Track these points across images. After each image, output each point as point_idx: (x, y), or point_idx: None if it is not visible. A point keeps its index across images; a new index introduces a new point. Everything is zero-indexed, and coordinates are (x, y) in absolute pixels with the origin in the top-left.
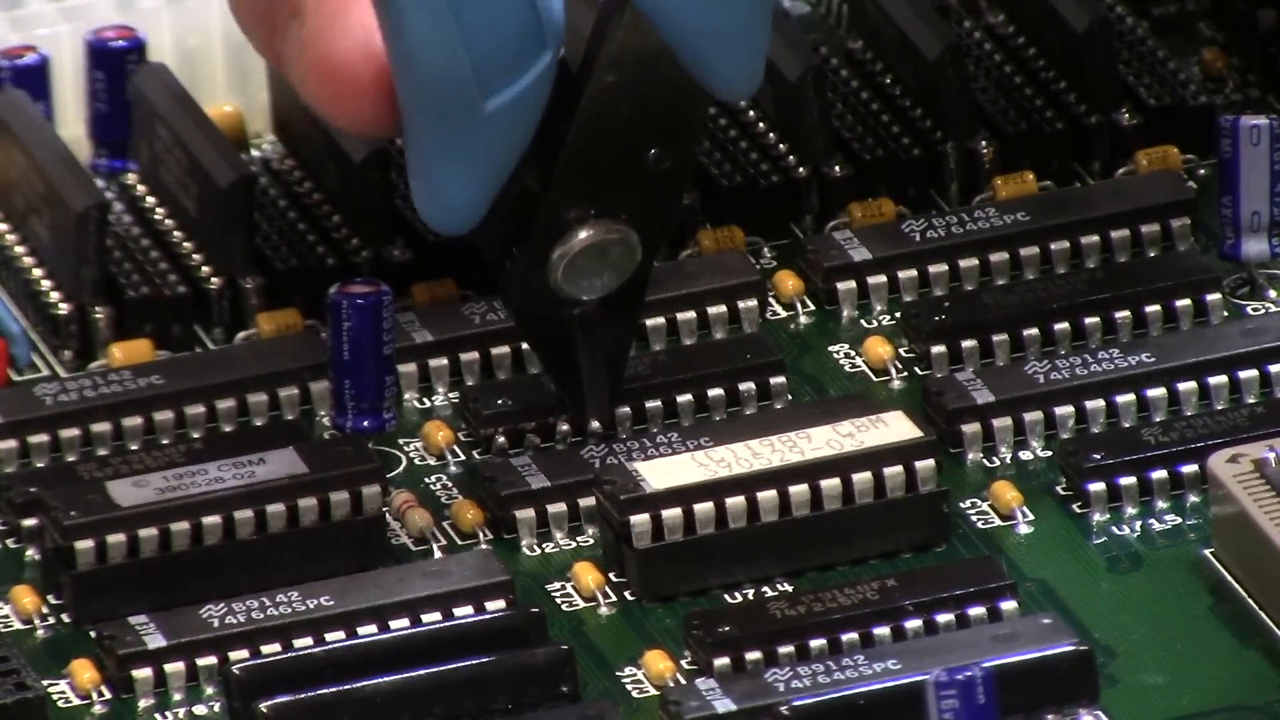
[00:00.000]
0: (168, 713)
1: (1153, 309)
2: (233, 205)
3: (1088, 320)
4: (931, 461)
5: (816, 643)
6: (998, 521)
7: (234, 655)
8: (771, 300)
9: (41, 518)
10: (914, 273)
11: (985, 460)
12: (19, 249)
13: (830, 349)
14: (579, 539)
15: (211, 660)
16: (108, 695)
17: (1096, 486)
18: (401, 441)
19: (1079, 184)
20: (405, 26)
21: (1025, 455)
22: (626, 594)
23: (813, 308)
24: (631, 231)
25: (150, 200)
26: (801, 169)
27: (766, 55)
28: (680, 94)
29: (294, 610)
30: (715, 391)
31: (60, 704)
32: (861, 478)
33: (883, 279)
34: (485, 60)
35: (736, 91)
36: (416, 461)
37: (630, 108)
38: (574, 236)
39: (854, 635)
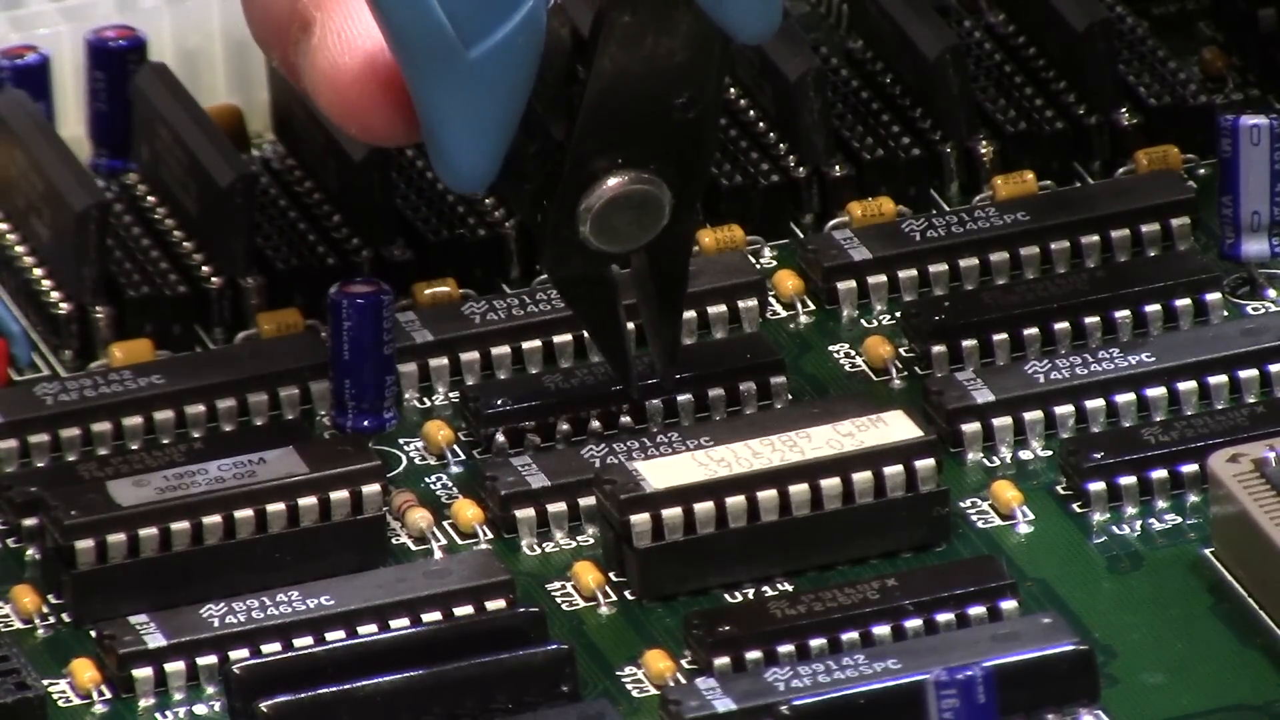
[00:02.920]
0: (168, 712)
1: (1153, 309)
2: (233, 205)
3: (1088, 320)
4: (931, 461)
5: (816, 642)
6: (998, 521)
7: (234, 655)
8: (771, 300)
9: (42, 517)
10: (914, 272)
11: (985, 460)
12: (19, 249)
13: (830, 349)
14: (579, 539)
15: (212, 660)
16: (108, 695)
17: (1096, 486)
18: (401, 441)
19: (1079, 184)
20: None
21: (1025, 455)
22: (626, 594)
23: (813, 307)
24: (660, 181)
25: (150, 200)
26: (801, 169)
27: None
28: (700, 37)
29: (294, 610)
30: (715, 391)
31: (60, 704)
32: (861, 477)
33: (883, 279)
34: (458, 7)
35: (754, 32)
36: (416, 461)
37: (649, 51)
38: (600, 186)
39: (854, 635)
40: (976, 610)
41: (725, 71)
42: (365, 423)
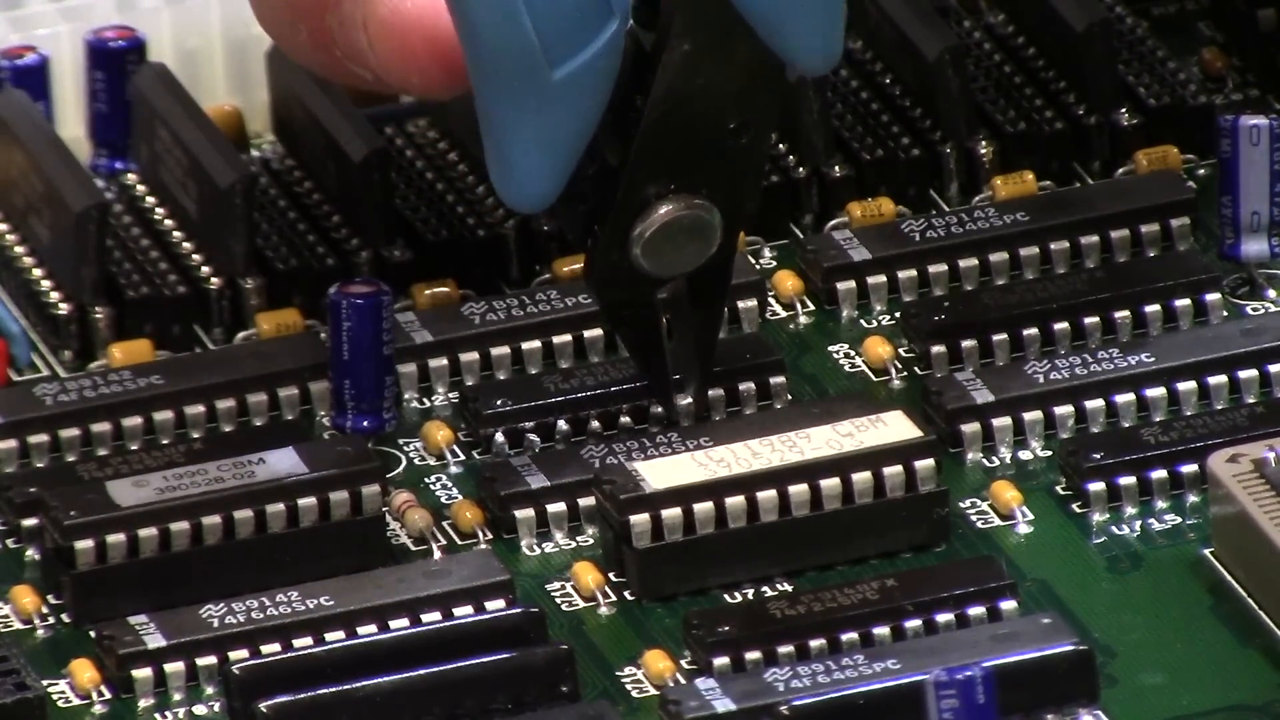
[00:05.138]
0: (168, 713)
1: (1153, 309)
2: (233, 205)
3: (1088, 320)
4: (931, 461)
5: (816, 643)
6: (997, 521)
7: (234, 655)
8: (771, 300)
9: (41, 518)
10: (914, 273)
11: (985, 460)
12: (19, 249)
13: (830, 349)
14: (579, 539)
15: (211, 660)
16: (108, 695)
17: (1096, 486)
18: (401, 441)
19: (1079, 184)
20: None
21: (1025, 455)
22: (626, 594)
23: (813, 308)
24: (712, 208)
25: (150, 200)
26: (801, 169)
27: (845, 27)
28: (757, 65)
29: (294, 610)
30: (715, 391)
31: (60, 704)
32: (861, 477)
33: (882, 279)
34: (549, 28)
35: (815, 64)
36: (416, 461)
37: (707, 79)
38: (654, 212)
39: (854, 635)
40: (976, 610)
41: (780, 99)
42: (365, 423)
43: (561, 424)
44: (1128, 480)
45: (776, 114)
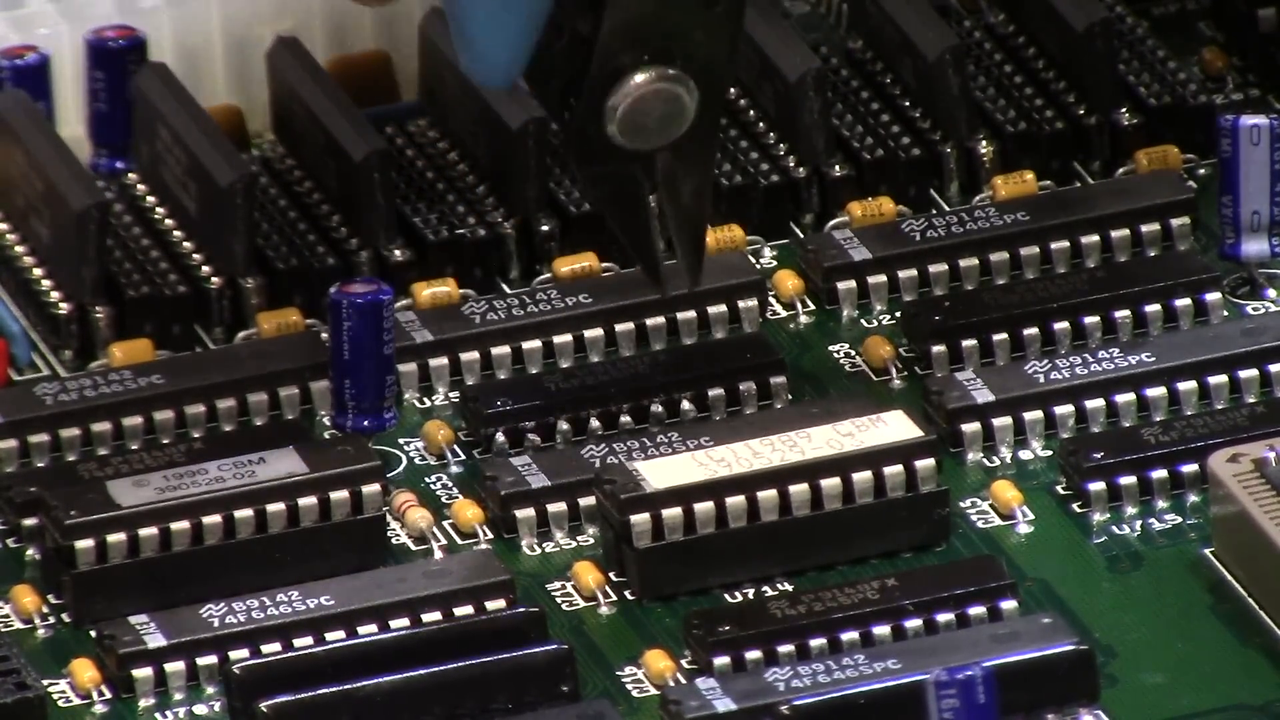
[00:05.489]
0: (168, 712)
1: (1153, 309)
2: (233, 205)
3: (1088, 320)
4: (931, 461)
5: (816, 642)
6: (998, 521)
7: (234, 655)
8: (771, 300)
9: (41, 517)
10: (914, 272)
11: (985, 460)
12: (19, 249)
13: (830, 349)
14: (579, 538)
15: (212, 660)
16: (108, 695)
17: (1096, 486)
18: (401, 441)
19: (1079, 184)
20: None
21: (1025, 455)
22: (626, 594)
23: (813, 307)
24: (687, 78)
25: (150, 200)
26: (801, 169)
27: None
28: None
29: (294, 610)
30: (715, 391)
31: (60, 704)
32: (861, 477)
33: (883, 279)
34: None
35: None
36: (416, 461)
37: None
38: (628, 83)
39: (854, 635)
40: (976, 610)
41: None
42: (365, 423)
43: (561, 424)
44: (1128, 480)
45: None
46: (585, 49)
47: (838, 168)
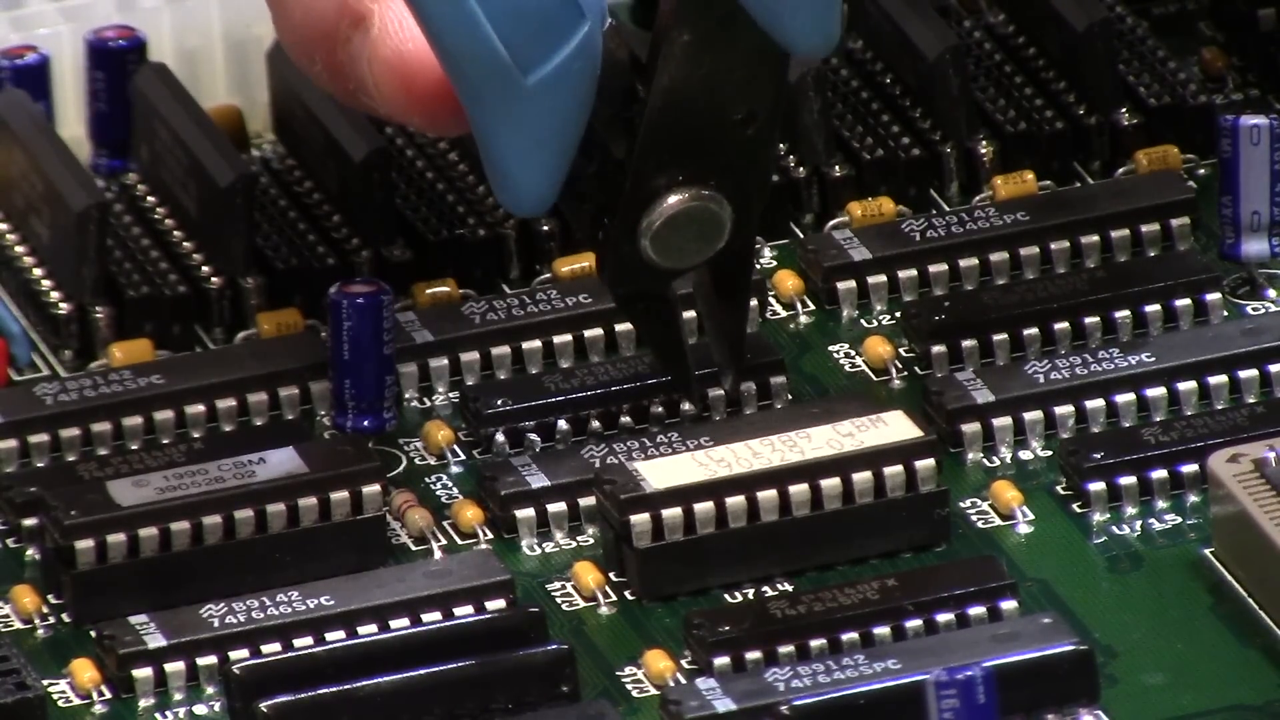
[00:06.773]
0: (168, 712)
1: (1153, 309)
2: (233, 205)
3: (1088, 320)
4: (931, 461)
5: (816, 642)
6: (998, 521)
7: (234, 655)
8: (771, 300)
9: (41, 517)
10: (914, 272)
11: (985, 460)
12: (19, 249)
13: (830, 349)
14: (579, 539)
15: (212, 660)
16: (108, 695)
17: (1096, 486)
18: (401, 441)
19: (1079, 184)
20: (422, 9)
21: (1025, 455)
22: (626, 594)
23: (813, 307)
24: (721, 198)
25: (150, 200)
26: (801, 169)
27: (842, 10)
28: (758, 54)
29: (294, 610)
30: (715, 391)
31: (60, 704)
32: (861, 477)
33: (883, 278)
34: (514, 36)
35: (813, 48)
36: (416, 461)
37: (709, 69)
38: (662, 203)
39: (854, 635)
40: (976, 610)
41: (784, 87)
42: (365, 423)
43: (562, 424)
44: (1128, 480)
45: (782, 103)
46: (618, 172)
47: (838, 168)
